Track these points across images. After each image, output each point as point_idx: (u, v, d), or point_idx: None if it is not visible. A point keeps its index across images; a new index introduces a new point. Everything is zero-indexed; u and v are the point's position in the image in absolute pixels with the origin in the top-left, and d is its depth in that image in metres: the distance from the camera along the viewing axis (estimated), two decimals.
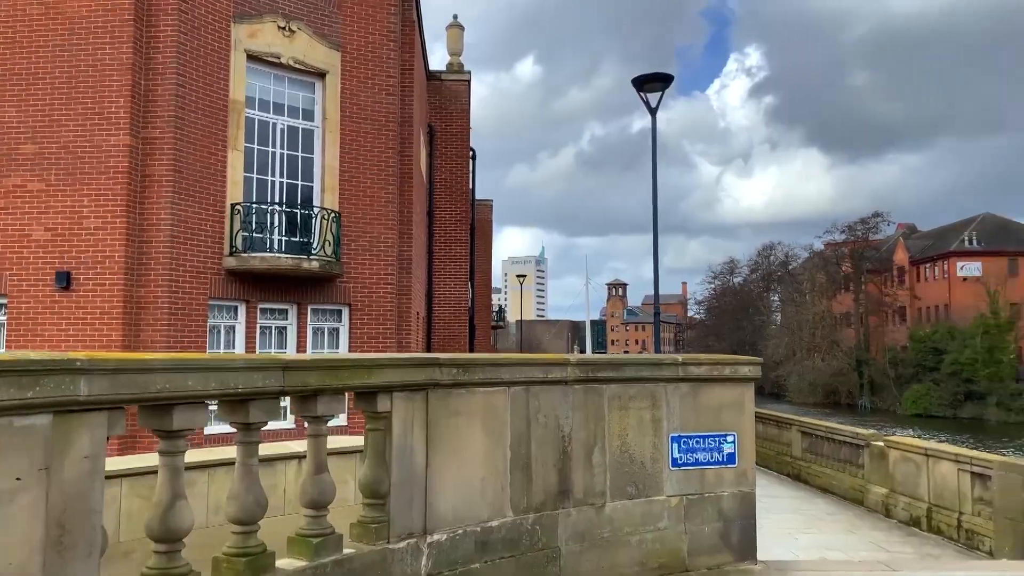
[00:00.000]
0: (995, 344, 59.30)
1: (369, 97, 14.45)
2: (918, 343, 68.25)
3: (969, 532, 11.10)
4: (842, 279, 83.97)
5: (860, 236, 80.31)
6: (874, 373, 73.88)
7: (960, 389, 61.81)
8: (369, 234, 14.18)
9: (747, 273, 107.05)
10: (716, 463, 6.07)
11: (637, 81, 13.73)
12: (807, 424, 17.20)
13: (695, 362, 6.08)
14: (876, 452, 13.91)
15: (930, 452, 12.21)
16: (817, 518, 13.50)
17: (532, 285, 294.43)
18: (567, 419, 5.46)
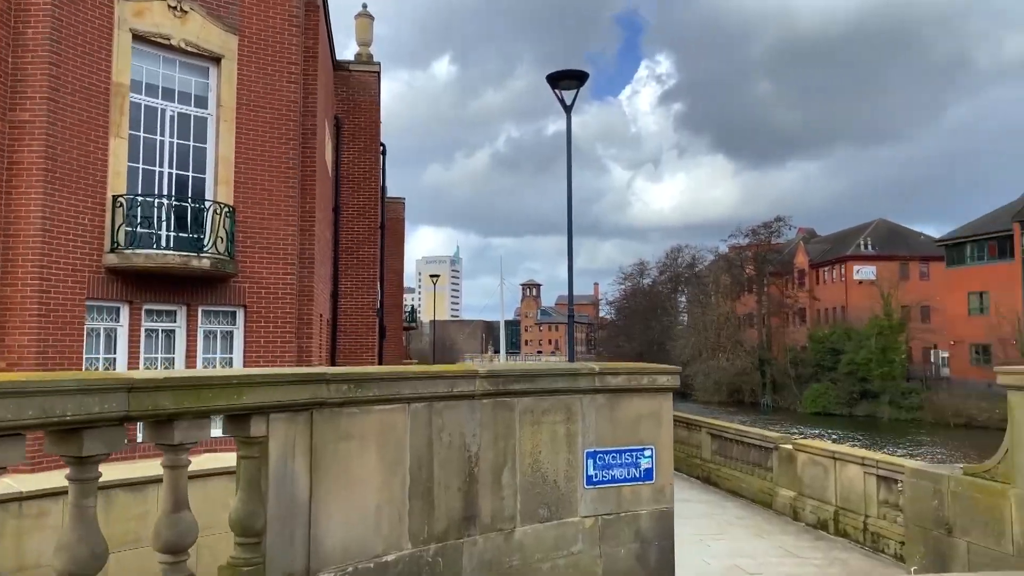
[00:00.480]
0: (888, 345, 62.07)
1: (268, 84, 13.56)
2: (817, 343, 70.87)
3: (875, 535, 11.18)
4: (746, 281, 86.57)
5: (763, 240, 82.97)
6: (776, 372, 76.38)
7: (856, 388, 64.44)
8: (267, 231, 13.30)
9: (656, 275, 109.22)
10: (633, 479, 5.67)
11: (552, 78, 13.34)
12: (717, 426, 17.23)
13: (612, 371, 5.66)
14: (785, 455, 13.96)
15: (838, 455, 12.28)
16: (728, 523, 13.43)
17: (446, 285, 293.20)
18: (474, 437, 4.94)
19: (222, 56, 13.27)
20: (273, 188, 13.44)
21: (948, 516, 7.07)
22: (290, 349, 13.36)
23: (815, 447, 12.99)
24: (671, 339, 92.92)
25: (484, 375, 4.96)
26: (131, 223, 12.03)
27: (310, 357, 14.12)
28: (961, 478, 7.01)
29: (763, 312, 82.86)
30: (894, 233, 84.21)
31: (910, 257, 76.23)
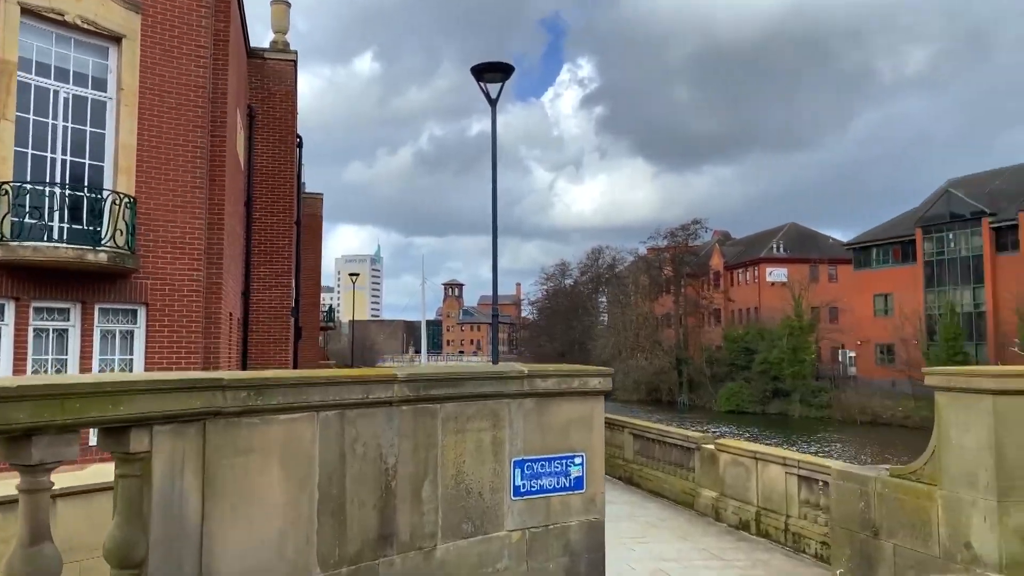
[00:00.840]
0: (799, 345, 64.16)
1: (175, 68, 12.71)
2: (731, 343, 72.74)
3: (796, 535, 11.21)
4: (664, 282, 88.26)
5: (681, 242, 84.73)
6: (692, 372, 78.06)
7: (768, 386, 66.38)
8: (172, 223, 12.46)
9: (577, 275, 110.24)
10: (563, 489, 5.34)
11: (477, 70, 12.97)
12: (640, 427, 17.17)
13: (542, 374, 5.31)
14: (707, 455, 13.95)
15: (759, 456, 12.29)
16: (651, 524, 13.31)
17: (367, 285, 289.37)
18: (392, 448, 4.50)
19: (123, 36, 12.37)
20: (179, 178, 12.61)
21: (875, 518, 7.02)
22: (196, 350, 12.56)
23: (737, 447, 13.00)
24: (592, 339, 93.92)
25: (403, 379, 4.53)
26: (18, 213, 11.05)
27: (218, 359, 13.33)
28: (888, 480, 6.97)
29: (680, 312, 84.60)
30: (805, 236, 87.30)
31: (820, 260, 79.11)
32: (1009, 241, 53.86)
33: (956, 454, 6.21)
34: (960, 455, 6.16)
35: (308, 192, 37.20)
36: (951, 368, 6.56)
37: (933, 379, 6.56)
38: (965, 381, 6.17)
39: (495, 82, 12.96)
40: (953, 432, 6.23)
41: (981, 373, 6.17)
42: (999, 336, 53.14)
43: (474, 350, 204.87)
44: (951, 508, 6.19)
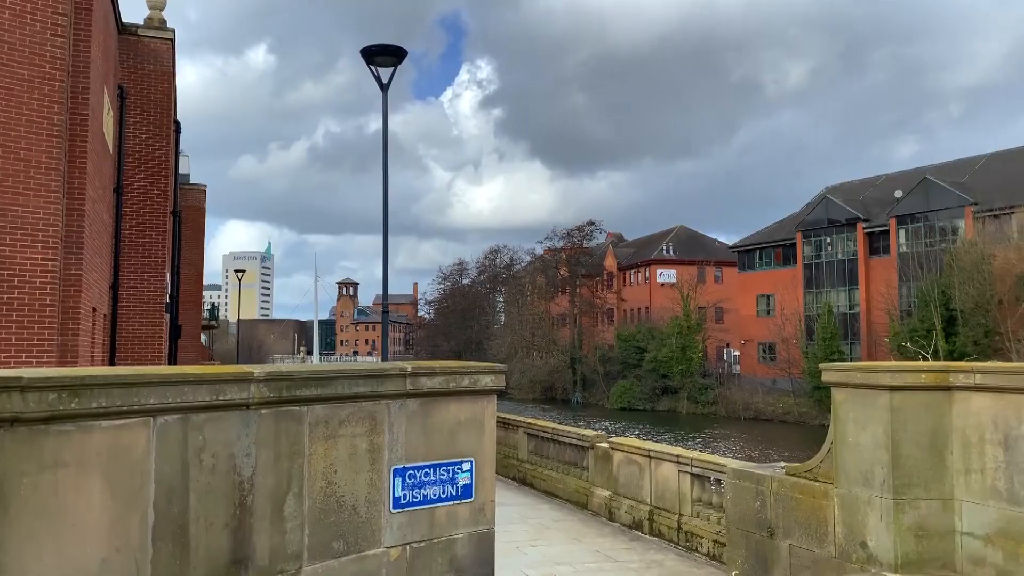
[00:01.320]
0: (687, 343, 66.05)
1: (26, 35, 11.42)
2: (623, 342, 74.18)
3: (688, 534, 11.12)
4: (560, 282, 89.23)
5: (576, 243, 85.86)
6: (586, 370, 79.18)
7: (658, 384, 68.04)
8: (21, 207, 11.18)
9: (475, 275, 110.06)
10: (449, 499, 4.84)
11: (368, 52, 12.28)
12: (534, 426, 16.87)
13: (428, 372, 4.79)
14: (601, 454, 13.76)
15: (653, 454, 12.17)
16: (544, 526, 12.99)
17: (256, 283, 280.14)
18: (248, 458, 3.88)
19: None
20: (30, 158, 11.34)
21: (771, 518, 6.87)
22: (50, 348, 11.33)
23: (631, 445, 12.85)
24: (489, 338, 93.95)
25: (263, 378, 3.91)
26: None
27: (77, 358, 12.11)
28: (784, 478, 6.83)
29: (575, 312, 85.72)
30: (693, 239, 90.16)
31: (707, 262, 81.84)
32: (881, 246, 57.11)
33: (853, 451, 6.10)
34: (857, 452, 6.06)
35: (190, 183, 35.24)
36: (848, 364, 6.46)
37: (830, 375, 6.44)
38: (863, 377, 6.07)
39: (387, 66, 12.31)
40: (850, 429, 6.13)
41: (878, 368, 6.08)
42: (871, 335, 56.23)
43: (369, 350, 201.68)
44: (847, 507, 6.09)
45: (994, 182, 51.54)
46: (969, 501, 5.53)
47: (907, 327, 48.62)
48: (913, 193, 54.78)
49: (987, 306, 43.74)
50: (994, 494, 5.37)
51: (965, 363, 5.75)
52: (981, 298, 43.76)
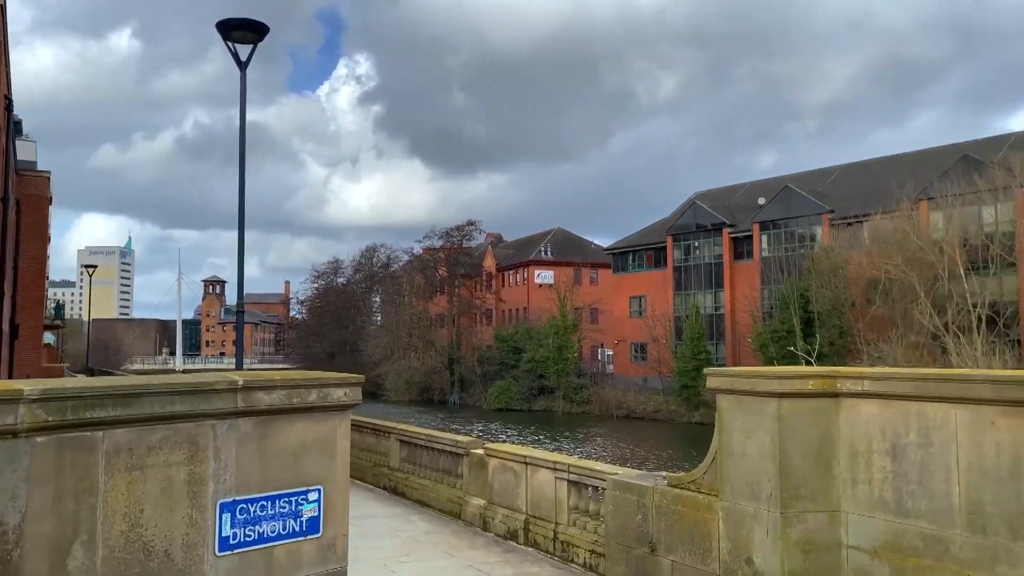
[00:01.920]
0: (563, 344, 66.75)
1: None
2: (502, 343, 74.24)
3: (565, 544, 10.69)
4: (438, 282, 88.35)
5: (456, 242, 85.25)
6: (464, 371, 78.71)
7: (535, 384, 68.43)
8: None
9: (351, 273, 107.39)
10: (292, 535, 4.07)
11: (224, 26, 11.17)
12: (407, 432, 16.07)
13: (265, 385, 4.01)
14: (476, 461, 13.17)
15: (529, 460, 11.67)
16: (415, 540, 12.26)
17: (115, 279, 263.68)
18: (15, 501, 3.00)
19: None
20: None
21: (652, 532, 6.48)
22: None
23: (507, 452, 12.32)
24: (364, 339, 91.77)
25: (36, 397, 3.04)
26: None
27: None
28: (666, 490, 6.45)
29: (454, 312, 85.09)
30: (570, 241, 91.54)
31: (583, 263, 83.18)
32: (745, 250, 59.67)
33: (739, 462, 5.77)
34: (743, 463, 5.74)
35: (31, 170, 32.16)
36: (735, 369, 6.12)
37: (715, 380, 6.10)
38: (749, 383, 5.74)
39: (246, 43, 11.24)
40: (736, 438, 5.80)
41: (766, 374, 5.78)
42: (735, 335, 58.63)
43: None
44: (732, 521, 5.75)
45: (848, 191, 54.87)
46: (856, 513, 5.30)
47: (768, 328, 50.94)
48: (775, 200, 57.52)
49: (842, 308, 46.37)
50: (881, 505, 5.15)
51: (853, 369, 5.52)
52: (836, 301, 46.34)
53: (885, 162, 58.14)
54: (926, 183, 46.52)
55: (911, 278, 40.31)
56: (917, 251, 41.33)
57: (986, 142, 53.09)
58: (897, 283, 41.67)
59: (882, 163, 58.21)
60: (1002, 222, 42.94)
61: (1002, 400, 4.48)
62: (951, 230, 41.73)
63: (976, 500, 4.60)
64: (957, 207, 42.51)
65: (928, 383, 4.89)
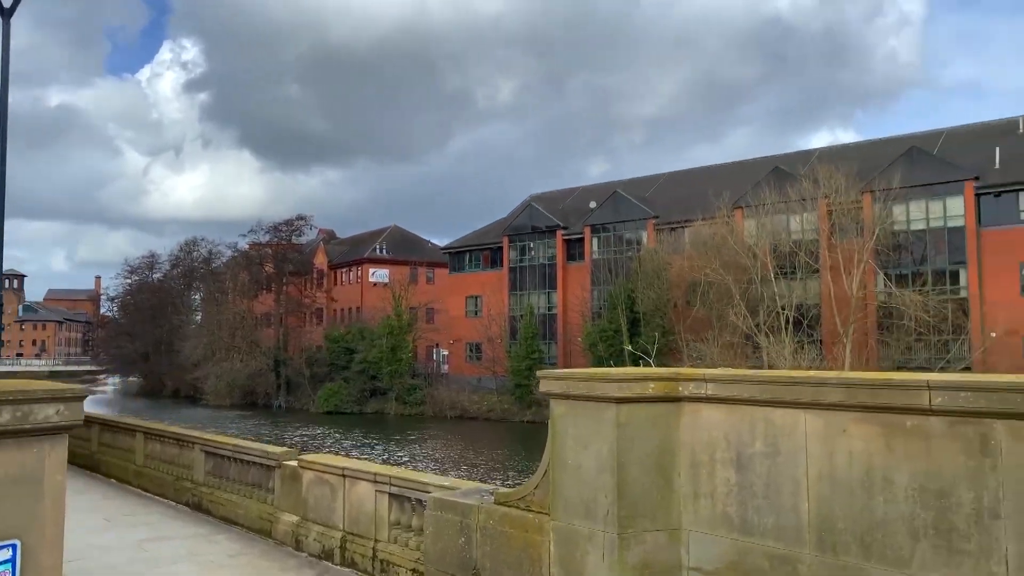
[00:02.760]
0: (397, 344, 65.34)
1: None
2: (333, 343, 71.63)
3: (384, 562, 9.74)
4: (265, 279, 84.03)
5: (284, 238, 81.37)
6: (291, 373, 75.27)
7: (367, 386, 66.52)
8: None
9: (168, 268, 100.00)
10: None
11: None
12: (212, 443, 14.43)
13: None
14: (289, 473, 11.91)
15: (348, 472, 10.61)
16: (217, 564, 10.83)
17: None
18: None
19: None
20: None
21: (477, 557, 5.70)
22: None
23: (323, 463, 11.17)
24: (182, 339, 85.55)
25: None
26: None
27: None
28: (492, 508, 5.68)
29: (281, 311, 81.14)
30: (406, 239, 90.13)
31: (420, 262, 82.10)
32: (577, 252, 61.01)
33: (573, 476, 5.10)
34: (578, 477, 5.07)
35: None
36: (570, 372, 5.42)
37: (549, 384, 5.40)
38: (586, 386, 5.08)
39: None
40: (570, 449, 5.12)
41: (605, 376, 5.14)
42: (567, 335, 59.80)
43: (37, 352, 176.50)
44: (565, 543, 5.07)
45: (671, 198, 57.44)
46: (698, 531, 4.77)
47: (597, 328, 52.26)
48: (605, 205, 59.22)
49: (664, 309, 48.31)
50: (725, 522, 4.64)
51: (697, 370, 4.99)
52: (660, 302, 48.22)
53: (705, 172, 61.43)
54: (741, 192, 49.47)
55: (727, 281, 42.57)
56: (733, 255, 43.73)
57: (795, 155, 57.38)
58: (715, 286, 43.90)
59: (702, 172, 61.46)
60: (808, 230, 46.38)
61: (855, 405, 4.06)
62: (763, 236, 44.51)
63: (827, 515, 4.17)
64: (769, 215, 45.42)
65: (777, 386, 4.42)
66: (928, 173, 43.78)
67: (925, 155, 44.91)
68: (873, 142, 54.26)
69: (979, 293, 42.09)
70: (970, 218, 42.84)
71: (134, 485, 17.02)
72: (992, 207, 42.61)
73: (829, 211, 45.41)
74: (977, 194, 42.66)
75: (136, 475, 17.08)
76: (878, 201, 43.63)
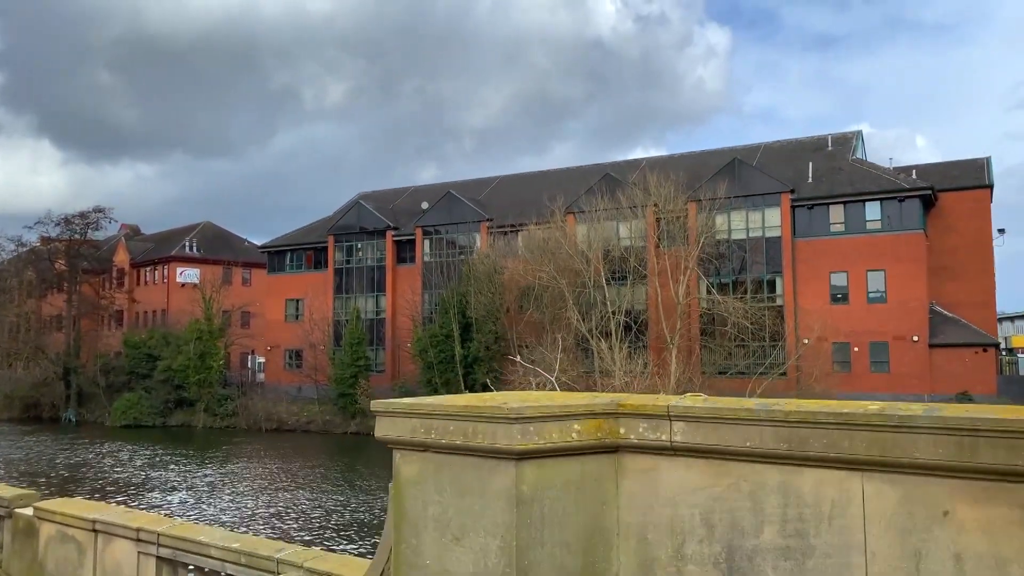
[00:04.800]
0: (207, 350, 59.68)
1: None
2: (132, 349, 64.47)
3: None
4: (55, 278, 74.59)
5: (79, 232, 72.53)
6: (84, 382, 67.08)
7: (172, 396, 60.31)
8: None
9: None
10: None
11: None
12: None
13: None
14: (22, 526, 8.80)
15: (101, 526, 7.76)
16: None
17: None
18: None
19: None
20: None
21: None
22: None
23: (68, 512, 8.19)
24: None
25: None
26: None
27: None
28: None
29: (74, 314, 72.22)
30: (220, 237, 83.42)
31: (234, 262, 76.04)
32: (407, 254, 58.51)
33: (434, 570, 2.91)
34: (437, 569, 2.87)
35: None
36: (429, 401, 3.13)
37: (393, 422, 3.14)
38: (462, 429, 2.81)
39: None
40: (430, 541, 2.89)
41: (493, 410, 2.92)
42: (395, 340, 57.09)
43: None
44: None
45: (504, 201, 56.39)
46: None
47: (428, 332, 50.00)
48: (437, 206, 57.21)
49: (497, 314, 46.94)
50: None
51: (649, 397, 2.95)
52: (492, 306, 46.80)
53: (538, 176, 61.02)
54: (574, 197, 49.20)
55: (561, 285, 41.82)
56: (567, 260, 43.10)
57: (624, 164, 58.20)
58: (549, 290, 43.06)
59: (535, 177, 61.02)
60: (636, 236, 46.74)
61: (969, 469, 2.17)
62: (595, 241, 44.26)
63: None
64: (600, 221, 45.28)
65: (804, 428, 2.46)
66: (748, 184, 45.42)
67: (746, 167, 46.62)
68: (696, 153, 56.01)
69: (794, 301, 44.07)
70: (786, 229, 44.84)
71: None
72: (805, 219, 44.84)
73: (657, 219, 45.99)
74: (793, 206, 44.73)
75: None
76: (703, 210, 44.66)
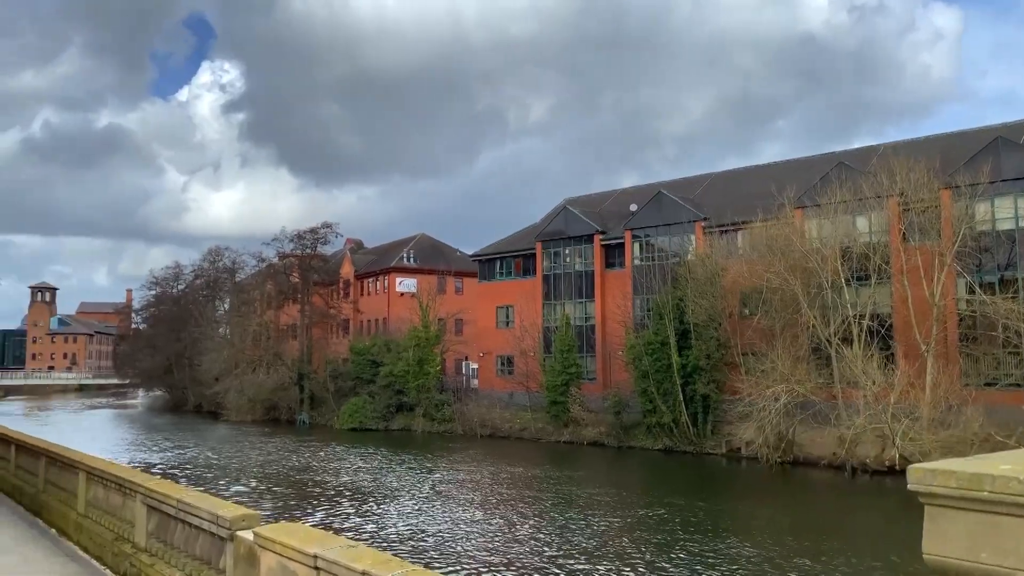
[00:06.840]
0: (424, 356, 61.37)
1: None
2: (358, 355, 67.88)
3: None
4: (290, 290, 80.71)
5: (309, 246, 77.98)
6: (315, 387, 71.69)
7: (393, 401, 62.61)
8: None
9: (191, 279, 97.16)
10: None
11: None
12: (156, 493, 10.37)
13: None
14: (244, 552, 7.85)
15: (323, 564, 6.49)
16: None
17: None
18: None
19: None
20: None
21: None
22: None
23: (289, 545, 7.02)
24: (203, 352, 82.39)
25: None
26: None
27: None
28: None
29: (306, 323, 77.67)
30: (434, 248, 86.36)
31: (448, 271, 78.16)
32: (616, 258, 56.58)
33: None
34: None
35: None
36: None
37: None
38: None
39: None
40: None
41: None
42: (606, 347, 55.29)
43: (68, 365, 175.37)
44: None
45: (720, 199, 52.77)
46: None
47: (642, 339, 47.65)
48: (648, 207, 54.81)
49: (719, 319, 43.67)
50: None
51: None
52: (713, 311, 43.61)
53: (754, 171, 56.80)
54: (800, 191, 44.75)
55: (795, 287, 37.89)
56: (800, 259, 39.07)
57: (856, 152, 52.50)
58: (779, 293, 39.25)
59: (751, 172, 56.85)
60: (877, 231, 41.59)
61: None
62: (831, 237, 39.82)
63: None
64: (837, 214, 40.70)
65: None
66: (1020, 165, 38.83)
67: (1013, 146, 39.97)
68: (945, 135, 49.23)
69: None
70: None
71: (73, 539, 13.13)
72: None
73: (904, 209, 40.59)
74: None
75: (76, 527, 13.19)
76: (959, 197, 38.74)
